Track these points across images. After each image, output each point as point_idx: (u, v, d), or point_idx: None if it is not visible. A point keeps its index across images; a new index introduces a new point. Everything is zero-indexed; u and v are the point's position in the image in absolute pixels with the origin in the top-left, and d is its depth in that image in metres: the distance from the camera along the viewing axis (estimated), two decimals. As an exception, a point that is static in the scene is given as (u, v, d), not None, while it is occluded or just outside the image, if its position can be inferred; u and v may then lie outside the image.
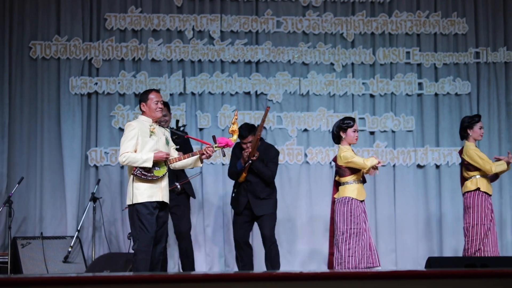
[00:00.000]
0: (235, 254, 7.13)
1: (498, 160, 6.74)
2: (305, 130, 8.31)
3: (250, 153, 6.76)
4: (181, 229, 7.02)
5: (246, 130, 6.80)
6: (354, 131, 6.45)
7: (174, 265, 7.74)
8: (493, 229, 6.65)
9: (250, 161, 6.78)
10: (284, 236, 8.14)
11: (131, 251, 5.84)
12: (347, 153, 6.36)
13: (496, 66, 8.47)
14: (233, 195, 7.03)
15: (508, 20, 8.49)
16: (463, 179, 6.77)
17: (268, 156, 6.92)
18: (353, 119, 6.50)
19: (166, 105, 6.71)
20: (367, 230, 6.39)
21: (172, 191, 6.40)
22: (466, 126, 6.74)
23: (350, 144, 6.48)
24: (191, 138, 6.85)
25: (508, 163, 6.68)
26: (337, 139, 6.54)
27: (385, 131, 8.34)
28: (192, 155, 5.81)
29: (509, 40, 8.51)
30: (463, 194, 6.74)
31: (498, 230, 7.90)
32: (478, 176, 6.66)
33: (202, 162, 5.91)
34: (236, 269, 7.45)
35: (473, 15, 8.47)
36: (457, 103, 8.42)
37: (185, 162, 5.83)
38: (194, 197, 7.26)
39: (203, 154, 5.75)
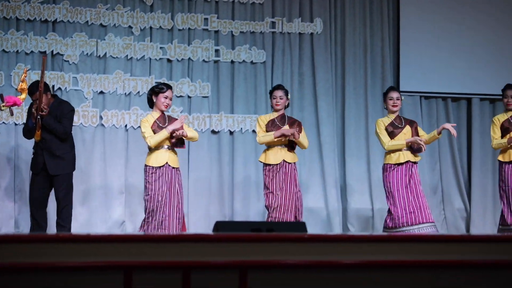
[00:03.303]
0: (30, 215, 8.30)
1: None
2: (101, 92, 9.59)
3: (38, 109, 7.70)
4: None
5: (34, 86, 7.85)
6: (166, 98, 7.75)
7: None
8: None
9: (39, 117, 7.76)
10: (77, 199, 9.33)
11: None
12: (142, 124, 7.69)
13: (291, 37, 10.13)
14: (33, 156, 8.18)
15: (304, -7, 10.13)
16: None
17: (62, 112, 8.08)
18: (167, 86, 7.89)
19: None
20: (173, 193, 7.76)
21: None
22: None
23: (160, 110, 7.77)
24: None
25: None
26: (150, 103, 7.82)
27: (181, 96, 9.75)
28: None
29: (304, 12, 10.21)
30: None
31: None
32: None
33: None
34: (27, 230, 8.54)
35: (270, -15, 10.05)
36: (253, 71, 10.02)
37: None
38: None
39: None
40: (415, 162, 8.30)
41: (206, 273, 3.74)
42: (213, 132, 10.00)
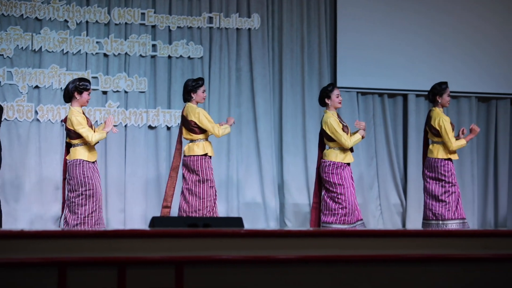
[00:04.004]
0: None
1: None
2: (36, 87, 9.46)
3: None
4: None
5: None
6: (89, 94, 7.71)
7: None
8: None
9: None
10: (12, 194, 9.22)
11: None
12: (77, 119, 7.56)
13: (228, 32, 10.13)
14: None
15: (241, -13, 10.16)
16: None
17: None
18: (89, 81, 7.77)
19: None
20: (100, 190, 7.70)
21: None
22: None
23: (82, 106, 7.71)
24: None
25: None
26: (68, 99, 7.74)
27: (118, 91, 9.69)
28: None
29: (242, 8, 10.22)
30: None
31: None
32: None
33: None
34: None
35: (207, -20, 10.04)
36: (190, 66, 10.01)
37: None
38: None
39: None
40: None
41: (142, 269, 3.72)
42: (150, 127, 9.95)
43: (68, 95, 7.84)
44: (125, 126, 9.83)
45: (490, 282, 4.19)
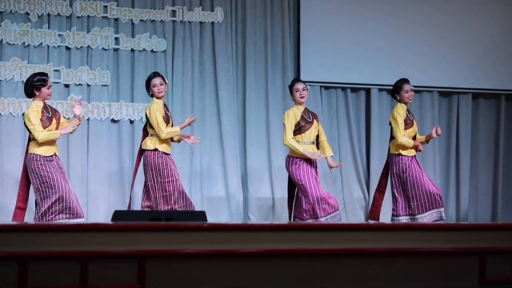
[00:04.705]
0: None
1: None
2: (-2, 80, 9.37)
3: None
4: None
5: None
6: (49, 88, 7.59)
7: None
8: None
9: None
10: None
11: None
12: (30, 114, 7.47)
13: (192, 26, 10.11)
14: None
15: (204, -20, 10.13)
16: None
17: None
18: (46, 75, 7.67)
19: None
20: (66, 179, 7.60)
21: None
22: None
23: (44, 100, 7.60)
24: None
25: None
26: (29, 95, 7.63)
27: (80, 84, 9.62)
28: None
29: (205, 1, 10.28)
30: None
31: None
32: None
33: None
34: None
35: (170, -27, 10.00)
36: (153, 60, 9.97)
37: None
38: None
39: None
40: None
41: (104, 263, 3.70)
42: (113, 121, 9.90)
43: (27, 92, 7.73)
44: (88, 119, 9.77)
45: (452, 275, 4.22)
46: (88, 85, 9.80)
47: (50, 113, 7.73)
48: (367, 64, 10.66)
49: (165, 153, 8.10)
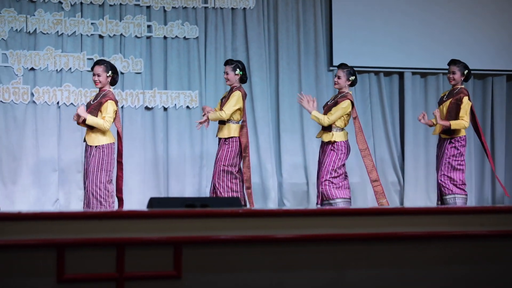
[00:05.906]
0: None
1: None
2: (32, 69, 9.43)
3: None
4: None
5: None
6: (93, 75, 7.82)
7: None
8: None
9: None
10: (9, 177, 9.23)
11: None
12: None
13: (224, 12, 10.13)
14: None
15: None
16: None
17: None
18: (95, 63, 7.89)
19: None
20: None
21: None
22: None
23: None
24: None
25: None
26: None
27: (114, 72, 9.62)
28: None
29: (237, -13, 10.13)
30: None
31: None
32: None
33: None
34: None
35: (204, -41, 10.02)
36: (186, 47, 9.98)
37: None
38: None
39: None
40: None
41: (141, 250, 3.73)
42: (147, 108, 9.95)
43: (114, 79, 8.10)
44: (122, 107, 9.82)
45: (487, 259, 4.20)
46: (121, 73, 9.84)
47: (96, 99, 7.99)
48: (400, 48, 10.60)
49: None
